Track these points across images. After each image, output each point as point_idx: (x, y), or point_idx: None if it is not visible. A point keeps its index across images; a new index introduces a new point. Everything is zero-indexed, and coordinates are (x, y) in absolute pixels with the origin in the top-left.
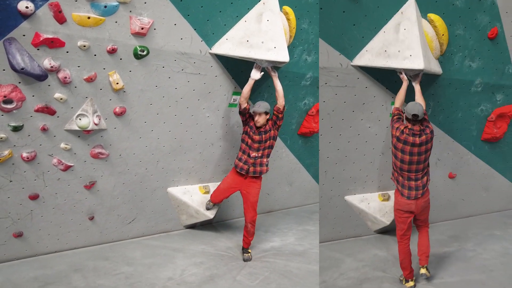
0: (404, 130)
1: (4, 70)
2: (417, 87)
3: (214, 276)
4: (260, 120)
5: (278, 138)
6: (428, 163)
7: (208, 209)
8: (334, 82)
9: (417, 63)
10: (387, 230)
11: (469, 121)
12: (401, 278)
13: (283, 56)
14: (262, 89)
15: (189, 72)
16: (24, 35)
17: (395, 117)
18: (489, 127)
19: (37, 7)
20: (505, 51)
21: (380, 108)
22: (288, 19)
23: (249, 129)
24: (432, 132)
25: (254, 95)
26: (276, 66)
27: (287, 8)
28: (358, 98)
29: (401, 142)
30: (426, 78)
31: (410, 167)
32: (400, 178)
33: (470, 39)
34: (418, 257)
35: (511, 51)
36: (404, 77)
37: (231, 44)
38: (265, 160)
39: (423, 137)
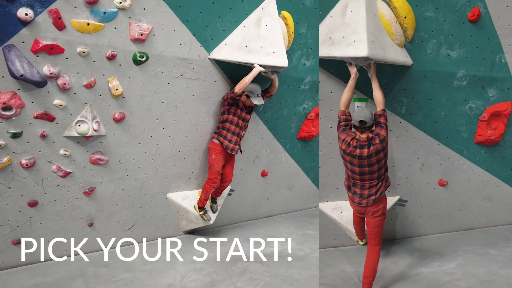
0: (351, 142)
1: (3, 77)
2: (373, 81)
3: (214, 282)
4: (249, 102)
5: (277, 142)
6: (386, 169)
7: (214, 211)
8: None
9: (361, 49)
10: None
11: (456, 121)
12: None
13: (282, 61)
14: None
15: (188, 77)
16: (23, 42)
17: (341, 124)
18: (482, 128)
19: (36, 14)
20: (494, 37)
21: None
22: (286, 24)
23: (239, 111)
24: (382, 141)
25: None
26: (275, 70)
27: (286, 13)
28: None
29: (347, 155)
30: (393, 70)
31: (362, 177)
32: (352, 187)
33: (445, 23)
34: (362, 280)
35: (502, 36)
36: (353, 69)
37: (230, 49)
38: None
39: (371, 148)
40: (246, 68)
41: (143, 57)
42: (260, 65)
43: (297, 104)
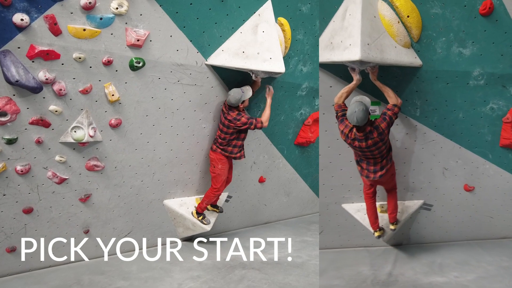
0: (349, 134)
1: None
2: (377, 85)
3: None
4: (246, 102)
5: (275, 148)
6: (388, 150)
7: (221, 212)
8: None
9: (354, 52)
10: (399, 243)
11: (477, 123)
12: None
13: (278, 66)
14: (259, 99)
15: (185, 83)
16: (19, 48)
17: (339, 115)
18: (506, 130)
19: (32, 19)
20: (511, 30)
21: None
22: (283, 30)
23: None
24: (381, 134)
25: (251, 106)
26: (272, 76)
27: (282, 20)
28: (325, 99)
29: (347, 144)
30: (402, 72)
31: (366, 156)
32: (360, 162)
33: (454, 19)
34: (388, 215)
35: None
36: (355, 76)
37: (227, 55)
38: None
39: (369, 141)
40: (243, 74)
41: (139, 63)
42: (257, 71)
43: (294, 110)
